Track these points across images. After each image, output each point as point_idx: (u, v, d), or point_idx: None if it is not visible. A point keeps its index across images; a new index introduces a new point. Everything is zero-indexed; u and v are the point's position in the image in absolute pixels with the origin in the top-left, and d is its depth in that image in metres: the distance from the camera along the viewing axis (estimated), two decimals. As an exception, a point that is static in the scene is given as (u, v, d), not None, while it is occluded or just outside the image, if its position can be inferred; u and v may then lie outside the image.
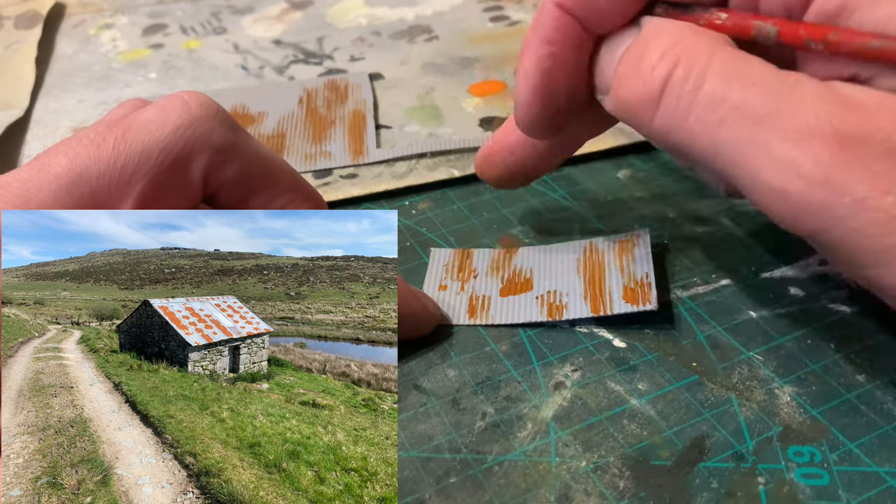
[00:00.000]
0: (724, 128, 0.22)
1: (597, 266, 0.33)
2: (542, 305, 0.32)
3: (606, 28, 0.26)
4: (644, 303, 0.30)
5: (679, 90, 0.23)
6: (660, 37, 0.24)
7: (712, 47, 0.23)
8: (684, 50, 0.23)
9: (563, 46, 0.26)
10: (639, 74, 0.24)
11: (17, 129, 0.47)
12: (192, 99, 0.26)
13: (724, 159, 0.22)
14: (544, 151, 0.32)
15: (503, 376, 0.29)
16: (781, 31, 0.23)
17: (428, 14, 0.59)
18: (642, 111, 0.24)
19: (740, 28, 0.24)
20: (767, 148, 0.21)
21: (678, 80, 0.23)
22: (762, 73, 0.22)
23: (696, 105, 0.22)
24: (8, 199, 0.23)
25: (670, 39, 0.24)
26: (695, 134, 0.23)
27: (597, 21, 0.26)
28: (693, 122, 0.23)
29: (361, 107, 0.47)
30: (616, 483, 0.25)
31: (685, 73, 0.23)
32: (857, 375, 0.28)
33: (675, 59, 0.23)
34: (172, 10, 0.63)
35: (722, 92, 0.22)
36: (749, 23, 0.24)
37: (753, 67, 0.22)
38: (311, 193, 0.29)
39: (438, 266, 0.35)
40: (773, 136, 0.21)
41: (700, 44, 0.23)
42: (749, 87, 0.22)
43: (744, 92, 0.22)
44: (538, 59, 0.26)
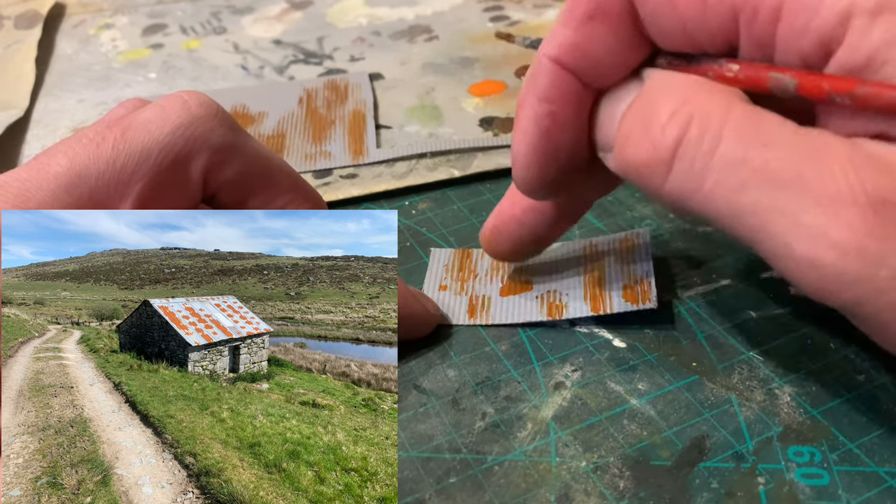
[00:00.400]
0: (745, 193, 0.20)
1: (597, 265, 0.33)
2: (542, 305, 0.32)
3: (606, 82, 0.25)
4: (644, 301, 0.30)
5: (693, 152, 0.21)
6: (668, 93, 0.22)
7: (727, 104, 0.21)
8: (696, 107, 0.21)
9: (562, 104, 0.25)
10: (647, 135, 0.22)
11: (17, 129, 0.47)
12: (191, 99, 0.26)
13: (745, 226, 0.21)
14: (554, 217, 0.30)
15: (503, 376, 0.29)
16: (801, 83, 0.21)
17: (428, 14, 0.59)
18: (652, 174, 0.22)
19: (754, 81, 0.22)
20: (794, 215, 0.20)
21: (692, 141, 0.21)
22: (783, 133, 0.20)
23: (713, 168, 0.21)
24: (7, 198, 0.23)
25: (680, 96, 0.22)
26: (712, 199, 0.21)
27: (596, 75, 0.24)
28: (710, 186, 0.21)
29: (361, 107, 0.47)
30: (616, 483, 0.25)
31: (699, 133, 0.21)
32: (857, 375, 0.28)
33: (687, 117, 0.21)
34: (172, 10, 0.63)
35: (741, 154, 0.20)
36: (764, 74, 0.22)
37: (773, 126, 0.21)
38: (310, 193, 0.29)
39: (438, 266, 0.35)
40: (799, 202, 0.19)
41: (713, 100, 0.21)
42: (770, 147, 0.20)
43: (765, 154, 0.20)
44: (535, 118, 0.25)
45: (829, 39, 0.20)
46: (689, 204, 0.22)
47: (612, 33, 0.23)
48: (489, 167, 0.41)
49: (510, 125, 0.44)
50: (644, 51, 0.24)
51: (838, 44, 0.20)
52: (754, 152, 0.20)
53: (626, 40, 0.24)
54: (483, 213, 0.38)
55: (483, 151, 0.42)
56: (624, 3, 0.23)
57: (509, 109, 0.46)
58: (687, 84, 0.22)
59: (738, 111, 0.21)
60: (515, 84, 0.49)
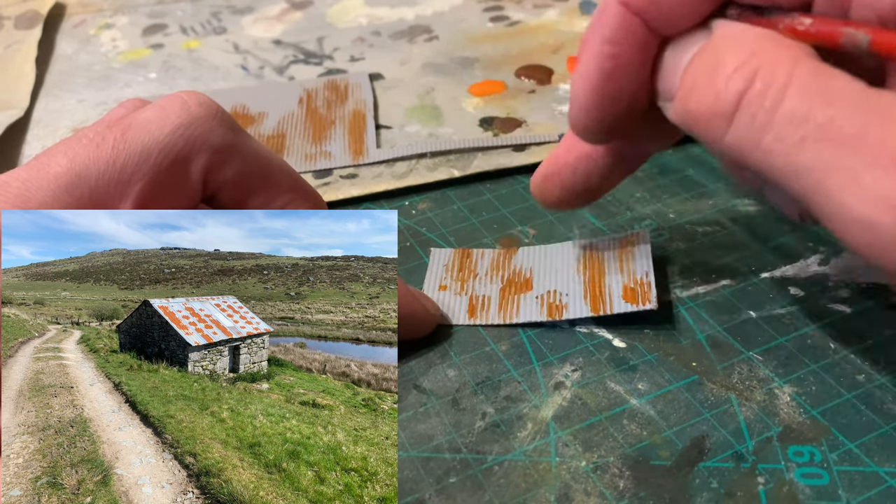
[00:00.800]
0: (806, 149, 0.20)
1: (597, 266, 0.33)
2: (542, 305, 0.32)
3: (674, 29, 0.24)
4: (644, 302, 0.30)
5: (756, 106, 0.21)
6: (735, 45, 0.22)
7: (794, 59, 0.21)
8: (763, 61, 0.21)
9: (626, 47, 0.24)
10: (711, 86, 0.22)
11: (17, 129, 0.47)
12: (191, 99, 0.26)
13: (803, 183, 0.20)
14: (609, 167, 0.30)
15: (503, 376, 0.29)
16: (874, 39, 0.20)
17: (428, 14, 0.59)
18: (713, 126, 0.22)
19: (827, 35, 0.21)
20: (854, 174, 0.19)
21: (755, 94, 0.21)
22: (850, 91, 0.20)
23: (775, 123, 0.20)
24: (7, 198, 0.23)
25: (747, 49, 0.21)
26: (771, 154, 0.21)
27: (664, 22, 0.24)
28: (770, 141, 0.21)
29: (361, 107, 0.47)
30: (616, 483, 0.25)
31: (763, 87, 0.21)
32: (857, 375, 0.28)
33: (752, 71, 0.21)
34: (172, 10, 0.63)
35: (804, 110, 0.20)
36: (837, 29, 0.21)
37: (840, 83, 0.20)
38: (310, 193, 0.29)
39: (438, 266, 0.35)
40: (861, 160, 0.19)
41: (780, 55, 0.21)
42: (835, 105, 0.20)
43: (829, 111, 0.20)
44: (598, 60, 0.25)
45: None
46: (748, 158, 0.21)
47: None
48: (489, 167, 0.41)
49: (510, 125, 0.44)
50: (715, 0, 0.24)
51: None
52: (818, 109, 0.20)
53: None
54: (483, 212, 0.38)
55: (483, 151, 0.42)
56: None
57: (509, 109, 0.46)
58: (755, 37, 0.22)
59: (805, 67, 0.21)
60: (515, 84, 0.49)
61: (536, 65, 0.50)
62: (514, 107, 0.46)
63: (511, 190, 0.40)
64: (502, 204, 0.39)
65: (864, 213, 0.19)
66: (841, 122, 0.20)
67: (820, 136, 0.20)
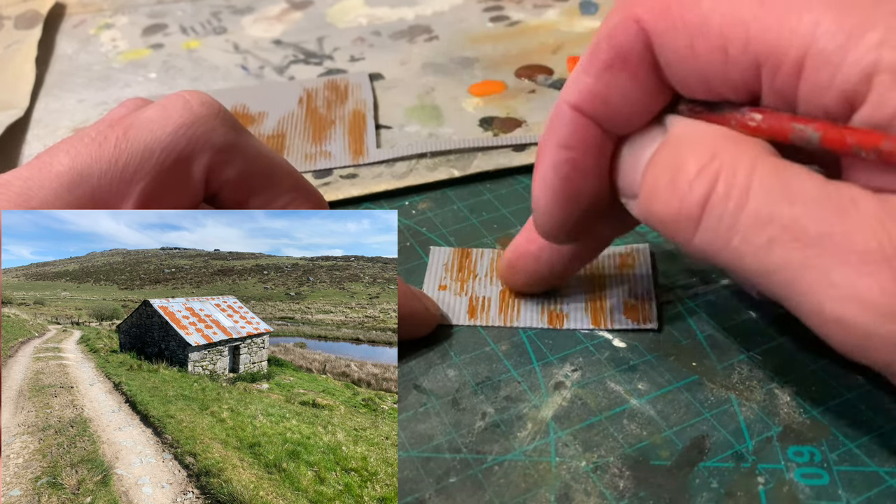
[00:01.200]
0: (774, 250, 0.20)
1: (597, 278, 0.33)
2: (543, 312, 0.32)
3: (628, 129, 0.24)
4: (645, 321, 0.31)
5: (721, 209, 0.21)
6: (694, 146, 0.22)
7: (753, 159, 0.21)
8: (723, 163, 0.21)
9: (582, 151, 0.24)
10: (675, 190, 0.22)
11: (17, 129, 0.47)
12: (193, 98, 0.26)
13: (775, 281, 0.21)
14: (570, 254, 0.30)
15: (503, 376, 0.29)
16: (825, 136, 0.20)
17: (428, 14, 0.59)
18: (680, 229, 0.22)
19: (777, 131, 0.21)
20: (824, 273, 0.19)
21: (719, 198, 0.21)
22: (811, 187, 0.20)
23: (741, 225, 0.20)
24: (9, 197, 0.23)
25: (707, 150, 0.22)
26: (741, 255, 0.21)
27: (617, 122, 0.24)
28: (738, 243, 0.21)
29: (361, 107, 0.47)
30: (616, 483, 0.25)
31: (726, 189, 0.21)
32: (857, 375, 0.28)
33: (714, 173, 0.21)
34: (172, 10, 0.63)
35: (768, 211, 0.20)
36: (787, 126, 0.21)
37: (800, 180, 0.20)
38: (311, 193, 0.29)
39: (438, 265, 0.35)
40: (829, 260, 0.19)
41: (740, 155, 0.21)
42: (798, 204, 0.20)
43: (793, 210, 0.20)
44: (555, 164, 0.25)
45: (852, 95, 0.20)
46: (718, 259, 0.22)
47: (632, 81, 0.23)
48: (489, 167, 0.41)
49: (510, 125, 0.44)
50: (665, 97, 0.24)
51: (862, 100, 0.19)
52: (781, 209, 0.20)
53: (647, 88, 0.23)
54: (483, 212, 0.38)
55: (483, 151, 0.42)
56: (644, 52, 0.23)
57: (509, 109, 0.46)
58: (713, 136, 0.22)
59: (764, 166, 0.21)
60: (515, 84, 0.49)
61: (536, 65, 0.50)
62: (514, 107, 0.46)
63: (511, 190, 0.40)
64: (502, 204, 0.39)
65: (838, 312, 0.19)
66: (805, 221, 0.20)
67: (786, 237, 0.20)
